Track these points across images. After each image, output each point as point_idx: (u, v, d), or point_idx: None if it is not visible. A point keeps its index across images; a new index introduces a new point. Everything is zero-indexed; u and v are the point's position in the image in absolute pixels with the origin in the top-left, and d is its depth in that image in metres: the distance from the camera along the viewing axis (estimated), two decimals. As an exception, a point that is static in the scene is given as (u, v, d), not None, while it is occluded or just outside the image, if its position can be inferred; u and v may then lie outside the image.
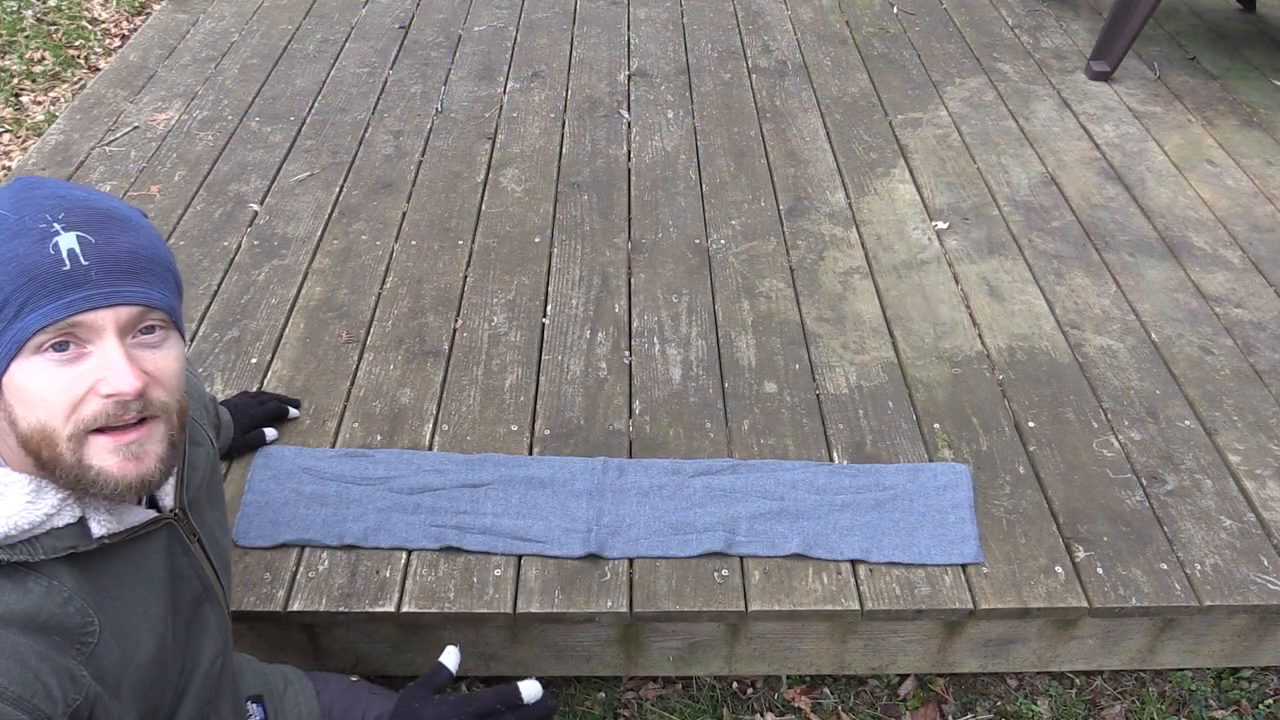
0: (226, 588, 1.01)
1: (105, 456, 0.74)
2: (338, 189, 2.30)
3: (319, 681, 1.23)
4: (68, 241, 0.72)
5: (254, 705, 1.12)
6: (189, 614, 0.93)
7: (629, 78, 2.84)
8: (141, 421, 0.76)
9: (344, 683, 1.25)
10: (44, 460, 0.74)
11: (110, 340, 0.74)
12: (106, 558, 0.82)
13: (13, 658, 0.70)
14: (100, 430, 0.74)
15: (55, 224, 0.72)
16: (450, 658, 1.20)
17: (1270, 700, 1.60)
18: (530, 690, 1.14)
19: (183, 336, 0.83)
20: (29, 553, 0.74)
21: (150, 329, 0.77)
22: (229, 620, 1.01)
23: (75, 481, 0.75)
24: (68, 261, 0.72)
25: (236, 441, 1.54)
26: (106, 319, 0.73)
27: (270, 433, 1.59)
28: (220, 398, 1.70)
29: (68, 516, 0.77)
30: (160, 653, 0.86)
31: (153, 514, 0.86)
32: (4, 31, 3.53)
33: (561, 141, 2.52)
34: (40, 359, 0.72)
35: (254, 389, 1.73)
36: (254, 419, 1.58)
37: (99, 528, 0.80)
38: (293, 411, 1.66)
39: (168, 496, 0.90)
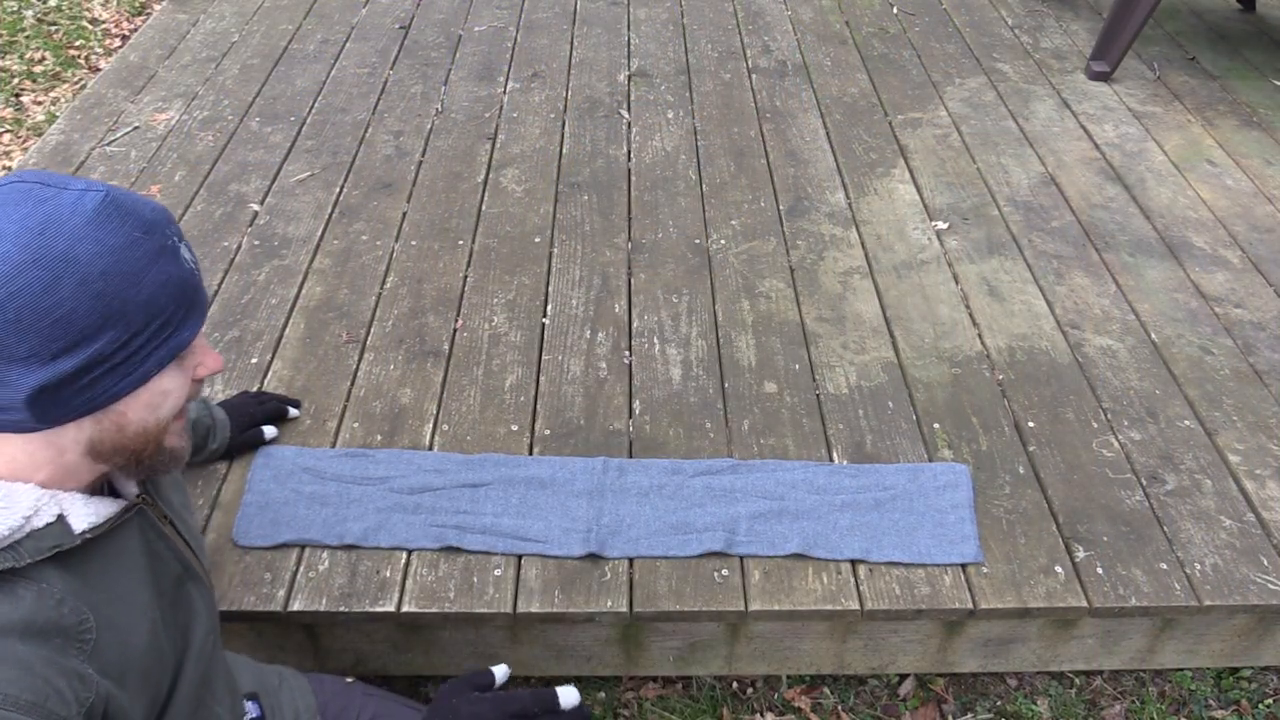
0: (205, 567, 1.01)
1: (175, 438, 0.83)
2: (338, 189, 2.30)
3: (314, 682, 1.24)
4: (185, 252, 0.79)
5: (249, 703, 1.12)
6: (173, 596, 0.92)
7: (629, 78, 2.84)
8: None
9: (339, 684, 1.25)
10: (138, 457, 0.80)
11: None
12: (88, 553, 0.81)
13: (17, 666, 0.69)
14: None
15: (173, 237, 0.78)
16: (500, 670, 1.21)
17: (1270, 700, 1.61)
18: (568, 697, 1.14)
19: None
20: (14, 559, 0.73)
21: None
22: (213, 598, 1.02)
23: (151, 467, 0.82)
24: (195, 271, 0.80)
25: (234, 441, 1.54)
26: None
27: (269, 430, 1.59)
28: (219, 398, 1.70)
29: (47, 516, 0.76)
30: (155, 638, 0.86)
31: (124, 501, 0.86)
32: (4, 31, 3.53)
33: (561, 141, 2.52)
34: (174, 360, 0.80)
35: (254, 389, 1.73)
36: (252, 418, 1.58)
37: (80, 523, 0.79)
38: (292, 411, 1.66)
39: (131, 485, 0.90)
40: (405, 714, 1.23)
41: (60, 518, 0.77)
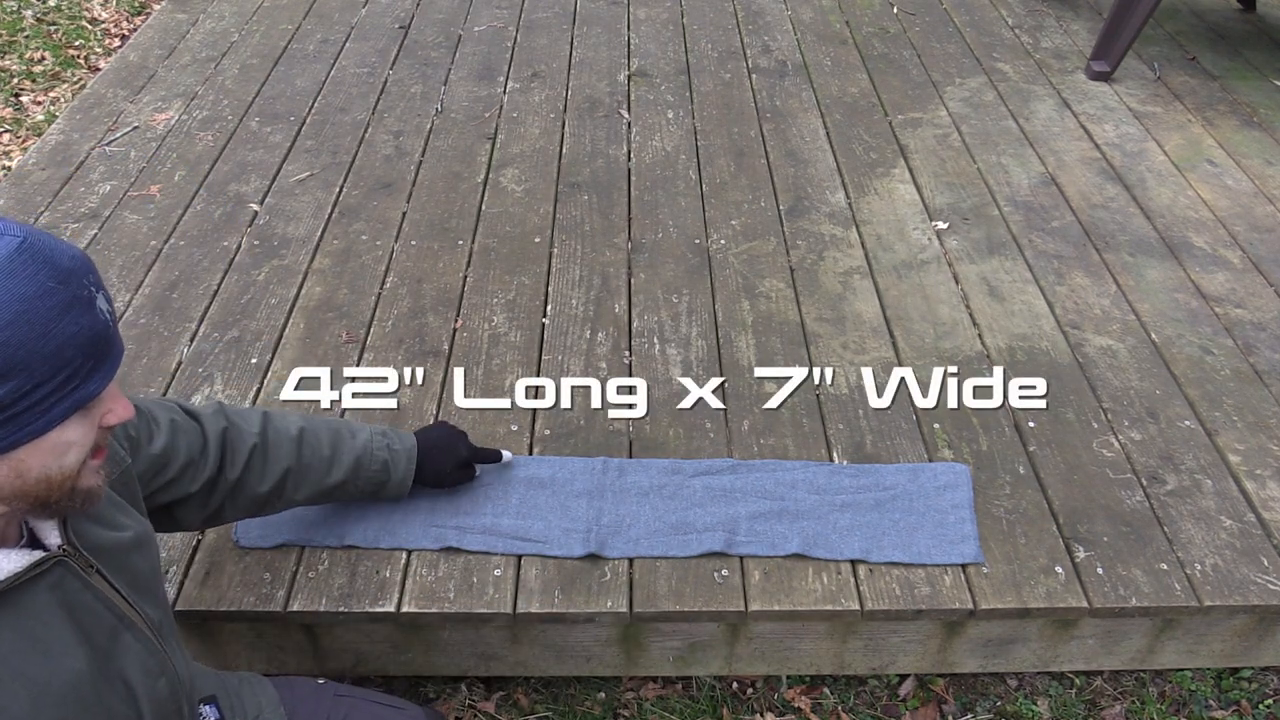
0: (150, 610, 0.94)
1: (91, 477, 0.79)
2: (338, 189, 2.30)
3: (284, 685, 1.20)
4: (102, 303, 0.75)
5: (206, 707, 1.08)
6: (107, 648, 0.87)
7: (629, 78, 2.84)
8: None
9: (309, 685, 1.21)
10: (43, 501, 0.76)
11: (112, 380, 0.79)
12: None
13: None
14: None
15: (90, 288, 0.74)
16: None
17: (1270, 700, 1.60)
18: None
19: None
20: None
21: None
22: (165, 640, 0.95)
23: (67, 507, 0.78)
24: (110, 323, 0.76)
25: (449, 472, 1.45)
26: None
27: (505, 454, 1.54)
28: (219, 397, 1.70)
29: None
30: (80, 691, 0.81)
31: (38, 555, 0.80)
32: (4, 31, 3.53)
33: (561, 141, 2.52)
34: (79, 411, 0.76)
35: (254, 389, 1.73)
36: (459, 456, 1.48)
37: None
38: (506, 455, 1.56)
39: (53, 533, 0.84)
40: (380, 713, 1.21)
41: None
